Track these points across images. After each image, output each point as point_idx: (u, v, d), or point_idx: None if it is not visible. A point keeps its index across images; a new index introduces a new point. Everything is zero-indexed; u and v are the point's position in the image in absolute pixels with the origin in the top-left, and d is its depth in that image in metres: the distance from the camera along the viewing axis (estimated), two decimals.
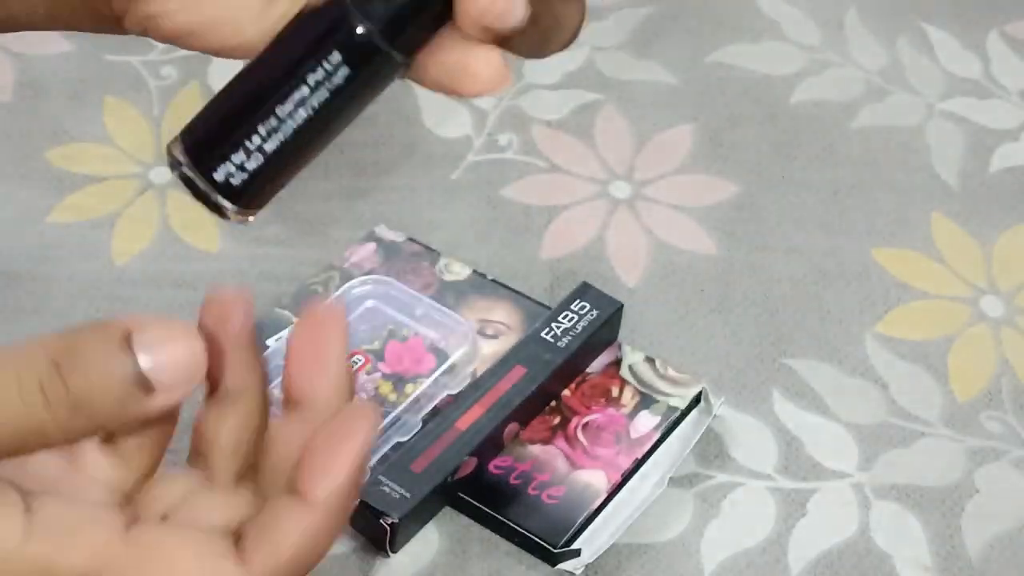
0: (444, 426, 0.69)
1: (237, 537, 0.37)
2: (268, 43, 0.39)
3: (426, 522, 0.69)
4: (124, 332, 0.35)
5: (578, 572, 0.67)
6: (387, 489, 0.67)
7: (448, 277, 0.78)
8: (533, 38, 0.40)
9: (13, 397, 0.34)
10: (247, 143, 0.38)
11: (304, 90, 0.38)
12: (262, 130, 0.38)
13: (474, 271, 0.78)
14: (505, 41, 0.39)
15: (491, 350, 0.74)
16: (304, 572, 0.37)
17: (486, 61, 0.39)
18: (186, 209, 0.80)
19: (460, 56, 0.40)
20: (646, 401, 0.73)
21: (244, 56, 0.43)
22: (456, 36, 0.40)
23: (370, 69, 0.37)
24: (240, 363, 0.38)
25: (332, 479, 0.36)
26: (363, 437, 0.36)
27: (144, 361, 0.35)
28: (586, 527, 0.68)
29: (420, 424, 0.70)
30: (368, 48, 0.37)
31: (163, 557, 0.36)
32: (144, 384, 0.35)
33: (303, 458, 0.36)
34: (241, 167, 0.39)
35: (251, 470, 0.39)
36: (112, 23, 0.44)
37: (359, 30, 0.36)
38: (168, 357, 0.35)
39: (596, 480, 0.70)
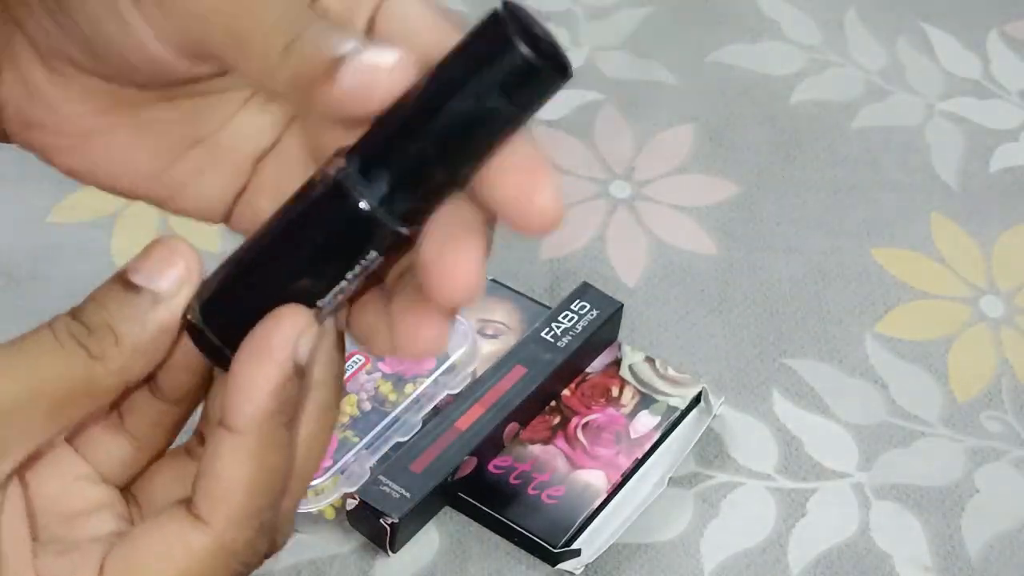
0: (444, 426, 0.69)
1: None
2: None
3: (426, 522, 0.69)
4: (121, 274, 0.37)
5: (578, 572, 0.67)
6: (387, 489, 0.67)
7: None
8: None
9: (51, 343, 0.36)
10: None
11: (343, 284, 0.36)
12: None
13: None
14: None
15: (491, 350, 0.74)
16: (270, 503, 0.37)
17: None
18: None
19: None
20: (646, 401, 0.73)
21: (154, 203, 0.42)
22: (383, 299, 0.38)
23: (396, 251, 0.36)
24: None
25: (253, 403, 0.35)
26: (280, 351, 0.35)
27: (138, 279, 0.37)
28: (586, 527, 0.68)
29: (420, 424, 0.70)
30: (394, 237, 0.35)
31: (139, 566, 0.37)
32: (133, 286, 0.37)
33: (226, 392, 0.36)
34: None
35: None
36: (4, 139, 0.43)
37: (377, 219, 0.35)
38: (148, 261, 0.38)
39: (596, 480, 0.70)
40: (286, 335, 0.35)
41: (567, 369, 0.73)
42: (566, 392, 0.73)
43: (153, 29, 0.36)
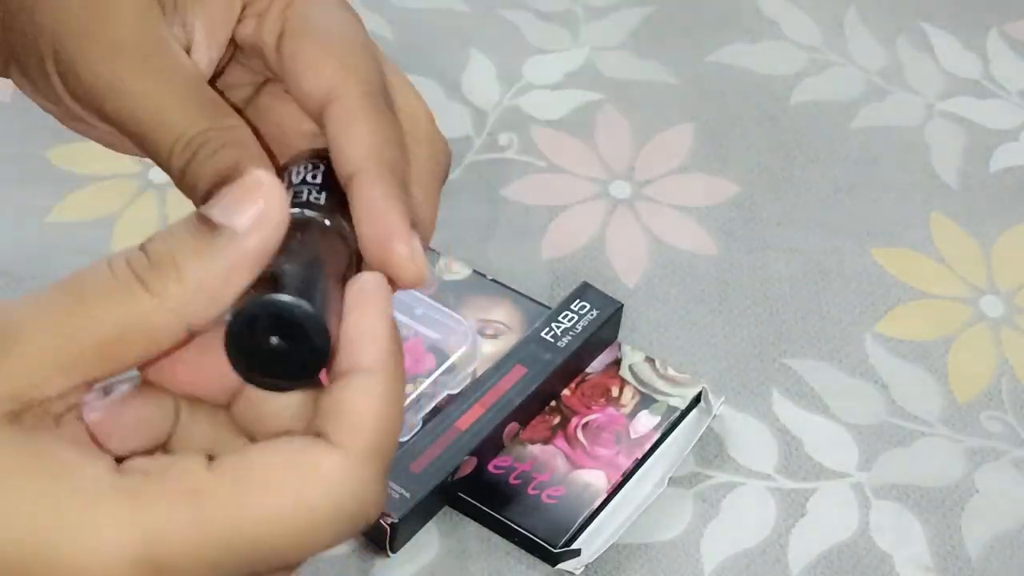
0: (444, 426, 0.69)
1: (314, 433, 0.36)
2: None
3: (426, 522, 0.69)
4: (198, 210, 0.37)
5: (578, 572, 0.67)
6: (387, 489, 0.67)
7: (448, 277, 0.78)
8: None
9: (105, 276, 0.35)
10: None
11: None
12: None
13: (474, 271, 0.78)
14: None
15: (491, 350, 0.74)
16: (393, 441, 0.36)
17: None
18: (186, 209, 0.80)
19: None
20: (646, 401, 0.73)
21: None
22: None
23: None
24: None
25: (380, 343, 0.36)
26: (383, 300, 0.37)
27: (214, 214, 0.36)
28: (586, 527, 0.68)
29: (420, 424, 0.70)
30: None
31: (254, 470, 0.34)
32: (208, 221, 0.36)
33: (343, 343, 0.36)
34: None
35: None
36: None
37: None
38: (229, 196, 0.36)
39: (596, 480, 0.70)
40: (382, 287, 0.37)
41: (567, 369, 0.73)
42: (566, 392, 0.73)
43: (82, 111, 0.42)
